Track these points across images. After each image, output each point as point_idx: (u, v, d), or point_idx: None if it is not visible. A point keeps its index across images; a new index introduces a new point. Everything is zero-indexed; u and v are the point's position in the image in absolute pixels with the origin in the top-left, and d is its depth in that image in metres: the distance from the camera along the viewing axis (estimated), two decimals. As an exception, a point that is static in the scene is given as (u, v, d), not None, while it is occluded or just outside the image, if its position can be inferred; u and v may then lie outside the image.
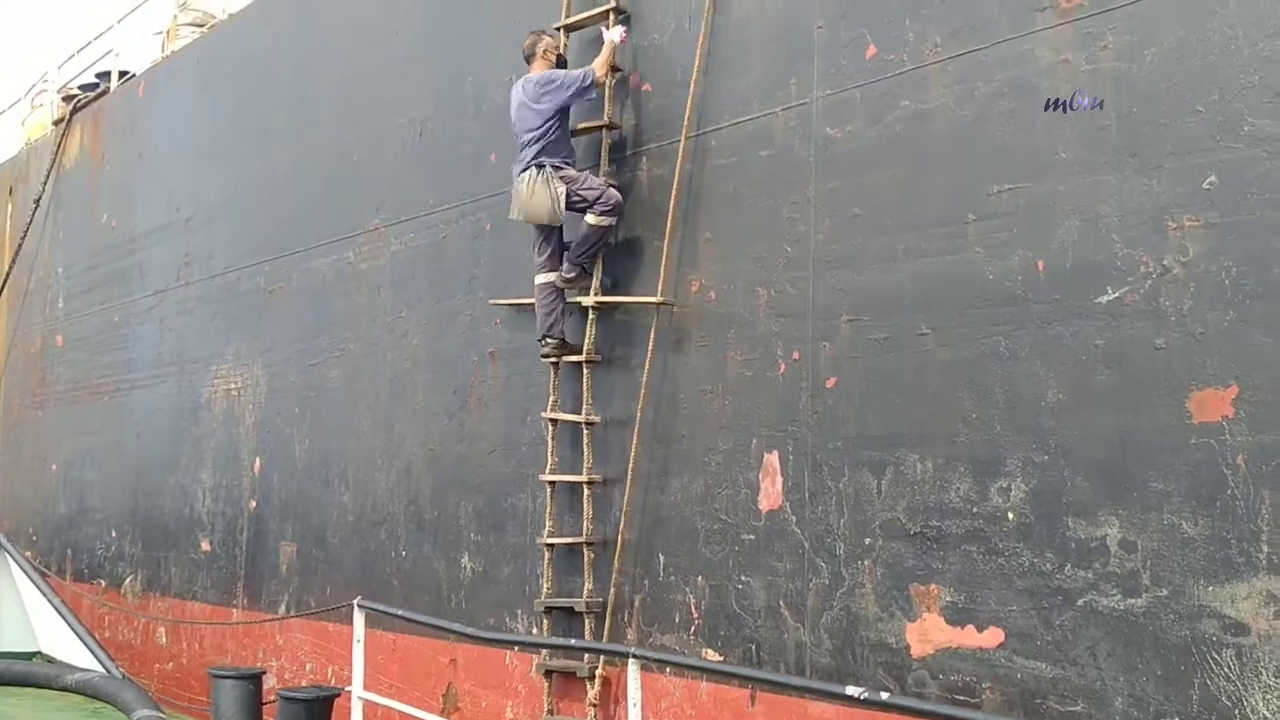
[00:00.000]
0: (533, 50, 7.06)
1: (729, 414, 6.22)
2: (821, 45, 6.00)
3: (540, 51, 7.04)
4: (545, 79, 6.87)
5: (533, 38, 7.10)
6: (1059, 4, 5.03)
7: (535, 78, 6.92)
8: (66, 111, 14.81)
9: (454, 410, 8.09)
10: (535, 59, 7.05)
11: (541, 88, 6.83)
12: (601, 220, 6.80)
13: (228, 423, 10.59)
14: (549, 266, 7.03)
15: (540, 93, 6.82)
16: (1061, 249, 4.93)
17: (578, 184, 6.77)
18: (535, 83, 6.88)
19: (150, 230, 12.38)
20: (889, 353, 5.53)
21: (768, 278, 6.13)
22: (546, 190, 6.70)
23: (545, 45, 7.07)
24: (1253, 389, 4.36)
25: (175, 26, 13.21)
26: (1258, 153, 4.40)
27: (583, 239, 6.88)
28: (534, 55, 7.05)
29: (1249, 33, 4.45)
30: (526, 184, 6.77)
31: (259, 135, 10.83)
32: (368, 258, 9.14)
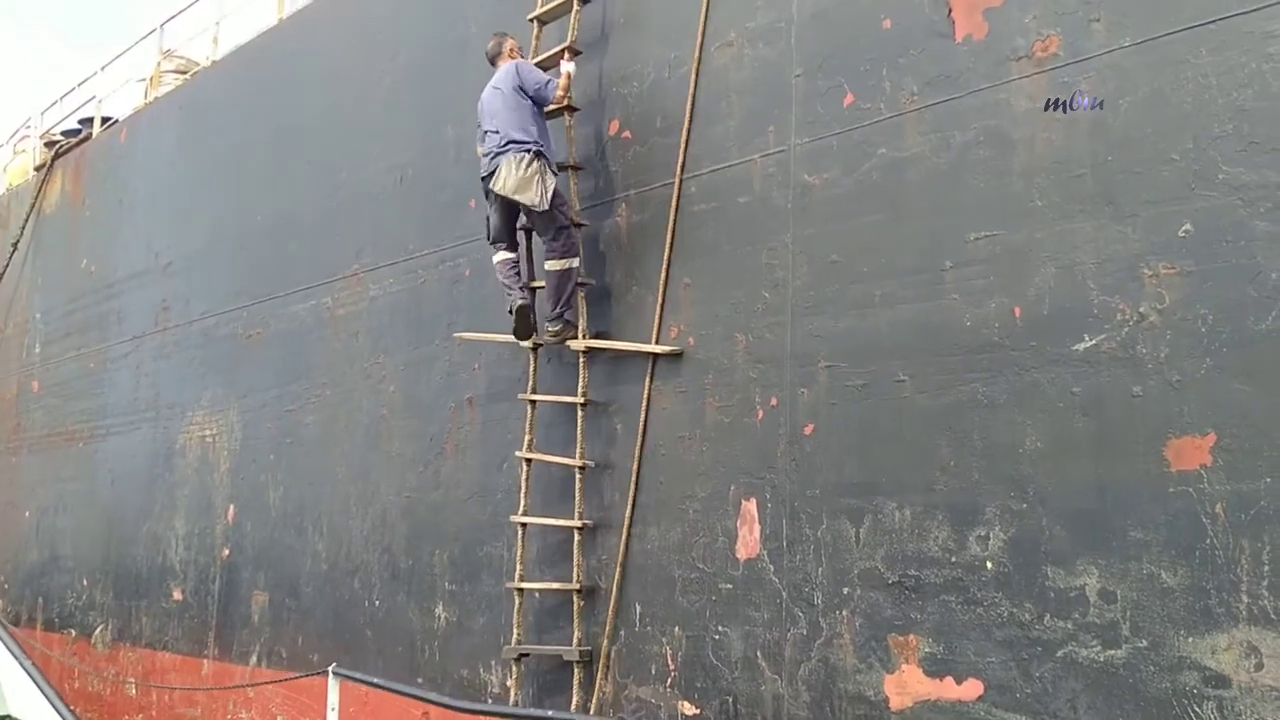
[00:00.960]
0: (499, 50, 7.17)
1: (707, 460, 6.17)
2: (799, 94, 6.02)
3: (506, 51, 7.16)
4: (519, 67, 6.91)
5: (497, 39, 7.21)
6: (1034, 53, 5.06)
7: (507, 68, 6.96)
8: (48, 157, 14.79)
9: (430, 457, 8.01)
10: (501, 57, 7.14)
11: (515, 75, 6.85)
12: (562, 264, 6.79)
13: (202, 470, 10.47)
14: (504, 245, 7.03)
15: (515, 81, 6.82)
16: (1038, 296, 4.92)
17: (559, 201, 6.78)
18: (508, 72, 6.90)
19: (129, 275, 12.32)
20: (867, 399, 5.49)
21: (746, 324, 6.10)
22: (540, 179, 6.66)
23: (510, 46, 7.18)
24: (1230, 437, 4.33)
25: (158, 73, 13.25)
26: (1232, 201, 4.40)
27: (554, 288, 6.84)
28: (500, 54, 7.15)
29: (1222, 82, 4.47)
30: (516, 164, 6.66)
31: (240, 181, 10.82)
32: (346, 303, 9.09)
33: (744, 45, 6.32)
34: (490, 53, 7.20)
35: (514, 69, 6.91)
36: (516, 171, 6.66)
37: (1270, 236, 4.30)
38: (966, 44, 5.30)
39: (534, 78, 6.85)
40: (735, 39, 6.36)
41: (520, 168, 6.66)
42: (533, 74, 6.88)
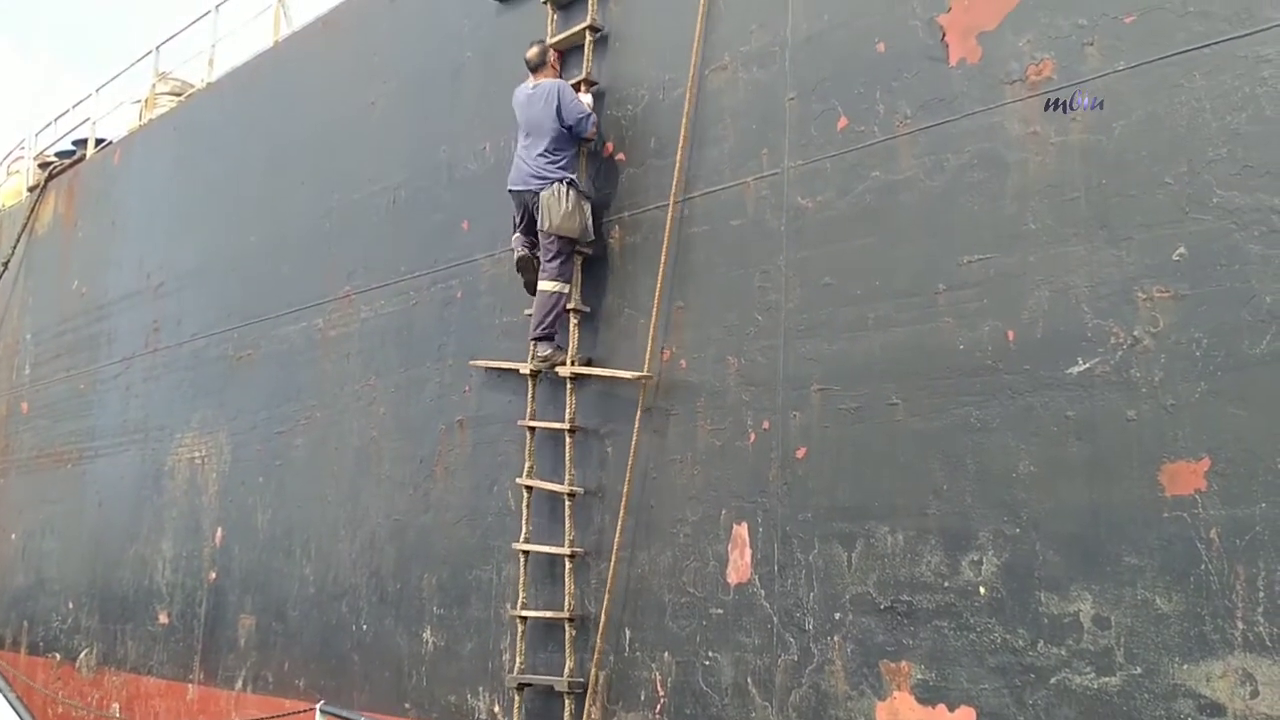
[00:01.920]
0: (542, 59, 7.09)
1: (698, 484, 6.12)
2: (793, 117, 6.01)
3: (550, 61, 7.11)
4: (562, 90, 6.82)
5: (540, 46, 7.13)
6: (1027, 77, 5.06)
7: (557, 86, 6.85)
8: (42, 178, 14.77)
9: (420, 480, 7.95)
10: (544, 68, 7.08)
11: (555, 98, 6.77)
12: (554, 285, 6.78)
13: (190, 492, 10.39)
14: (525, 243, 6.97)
15: (557, 106, 6.76)
16: (1032, 319, 4.90)
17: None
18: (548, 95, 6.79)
19: (120, 297, 12.27)
20: (859, 423, 5.45)
21: (738, 346, 6.07)
22: (580, 209, 6.71)
23: (553, 57, 7.15)
24: (1225, 461, 4.29)
25: (153, 95, 13.26)
26: (1227, 225, 4.39)
27: (541, 308, 6.82)
28: (543, 64, 7.09)
29: (1215, 106, 4.47)
30: (557, 197, 6.67)
31: (233, 202, 10.79)
32: (338, 324, 9.05)
33: (738, 68, 6.32)
34: (532, 61, 7.08)
35: (557, 91, 6.80)
36: (559, 205, 6.67)
37: (1264, 260, 4.28)
38: (960, 68, 5.30)
39: (576, 109, 6.77)
40: (729, 62, 6.36)
41: (562, 201, 6.67)
42: (575, 105, 6.79)
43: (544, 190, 6.71)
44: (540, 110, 6.82)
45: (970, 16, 5.29)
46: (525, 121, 6.92)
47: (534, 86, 6.97)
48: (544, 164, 6.77)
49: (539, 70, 7.07)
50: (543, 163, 6.77)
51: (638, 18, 7.02)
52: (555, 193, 6.68)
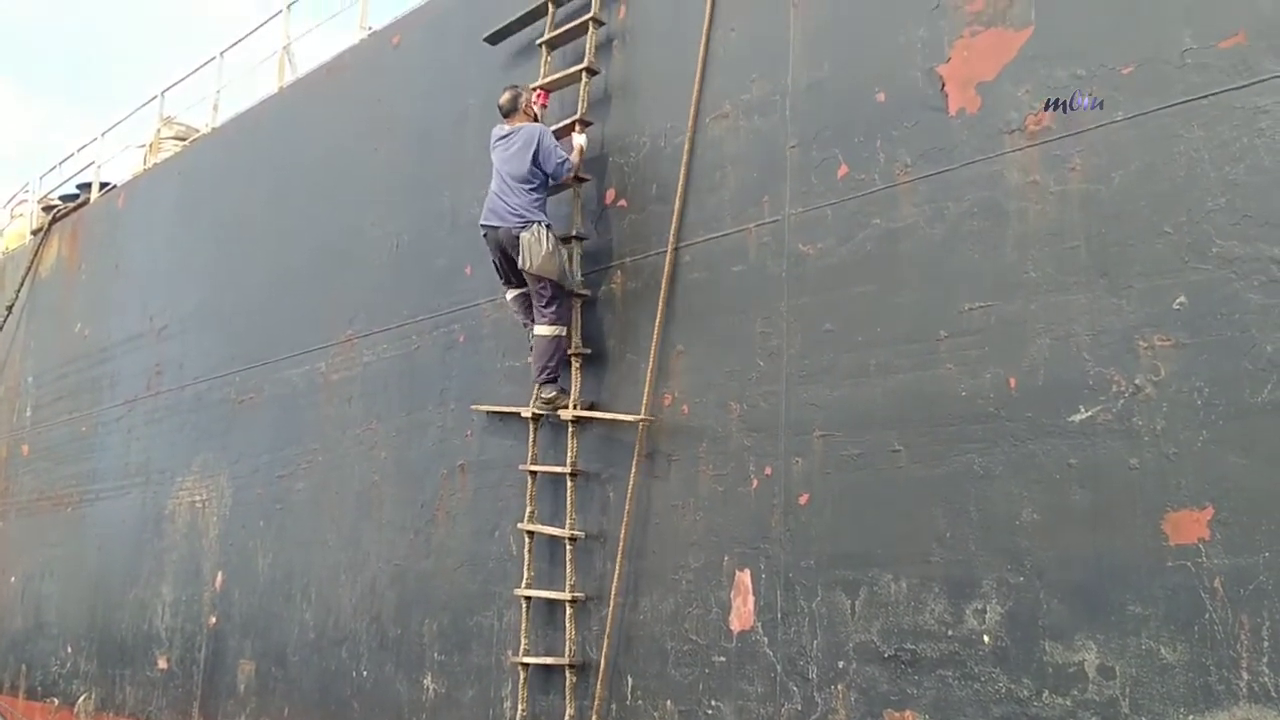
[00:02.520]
0: (514, 104, 7.11)
1: (700, 530, 6.11)
2: (794, 164, 6.06)
3: (522, 106, 7.13)
4: (542, 136, 6.86)
5: (513, 91, 7.17)
6: (1026, 127, 5.10)
7: (529, 128, 6.92)
8: (45, 221, 14.85)
9: (421, 525, 7.93)
10: (517, 113, 7.10)
11: (534, 141, 6.82)
12: (551, 330, 6.81)
13: (191, 535, 10.37)
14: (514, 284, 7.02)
15: (532, 149, 6.80)
16: (1033, 367, 4.91)
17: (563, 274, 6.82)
18: (529, 136, 6.85)
19: (123, 339, 12.30)
20: (862, 469, 5.45)
21: (740, 392, 6.08)
22: (556, 249, 6.74)
23: (525, 100, 7.17)
24: (1228, 510, 4.29)
25: (158, 140, 13.35)
26: (1226, 274, 4.41)
27: (540, 353, 6.86)
28: (516, 109, 7.11)
29: (1214, 156, 4.50)
30: (536, 238, 6.70)
31: (236, 246, 10.85)
32: (339, 368, 9.07)
33: (739, 117, 6.38)
34: (504, 107, 7.13)
35: (537, 137, 6.84)
36: (539, 246, 6.69)
37: (1264, 310, 4.30)
38: (960, 117, 5.35)
39: (553, 156, 6.81)
40: (730, 111, 6.42)
41: (543, 242, 6.70)
42: (553, 153, 6.82)
43: (524, 232, 6.74)
44: (517, 153, 6.87)
45: (969, 67, 5.35)
46: (500, 163, 6.97)
47: (509, 130, 7.03)
48: (521, 205, 6.80)
49: (511, 115, 7.12)
50: (520, 203, 6.80)
51: (639, 66, 7.09)
52: (535, 234, 6.72)
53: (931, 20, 5.52)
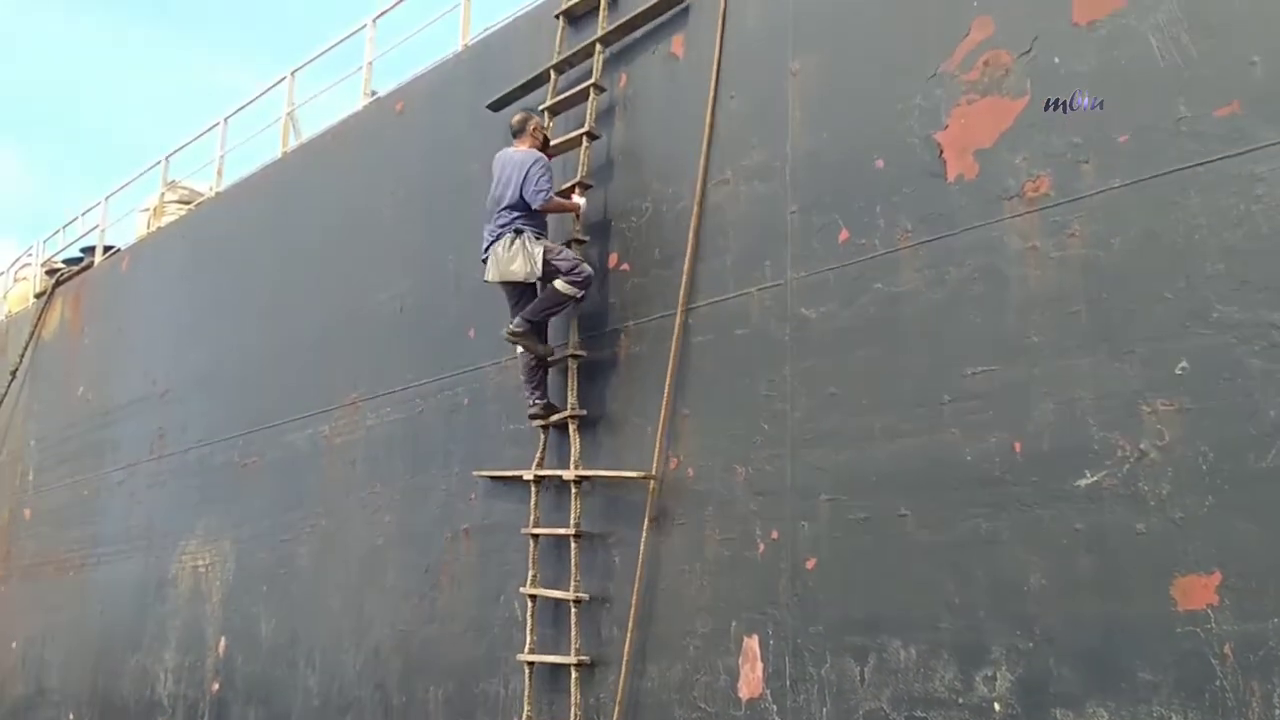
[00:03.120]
0: (522, 127, 7.23)
1: (707, 595, 6.09)
2: (795, 229, 6.12)
3: (530, 129, 7.23)
4: (531, 160, 6.98)
5: (522, 115, 7.31)
6: (1025, 193, 5.16)
7: (524, 157, 7.04)
8: (49, 284, 14.92)
9: (425, 590, 7.91)
10: (524, 135, 7.22)
11: (525, 168, 6.95)
12: (568, 289, 6.88)
13: (194, 601, 10.32)
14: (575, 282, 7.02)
15: (523, 173, 6.94)
16: (1038, 431, 4.93)
17: (553, 253, 6.90)
18: (522, 163, 6.99)
19: (126, 403, 12.32)
20: (869, 534, 5.45)
21: (745, 455, 6.09)
22: (523, 251, 6.81)
23: (534, 124, 7.28)
24: (1236, 576, 4.29)
25: (162, 204, 13.45)
26: (1227, 339, 4.44)
27: (545, 298, 6.94)
28: (523, 131, 7.22)
29: (1212, 222, 4.55)
30: (504, 246, 6.85)
31: (240, 309, 10.90)
32: (343, 432, 9.08)
33: (740, 183, 6.45)
34: (514, 127, 7.26)
35: (529, 164, 6.96)
36: (504, 253, 6.83)
37: (1266, 375, 4.33)
38: (958, 183, 5.41)
39: (533, 184, 6.89)
40: (732, 176, 6.49)
41: (505, 249, 6.84)
42: (535, 180, 6.89)
43: (497, 243, 6.90)
44: (509, 173, 7.01)
45: (967, 134, 5.42)
46: (496, 182, 7.11)
47: (513, 152, 7.16)
48: (501, 222, 6.93)
49: (519, 136, 7.24)
50: (501, 220, 6.94)
51: (640, 132, 7.18)
52: (505, 243, 6.86)
53: (928, 89, 5.60)
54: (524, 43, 8.27)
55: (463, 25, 9.17)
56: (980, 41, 5.43)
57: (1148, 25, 4.85)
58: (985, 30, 5.41)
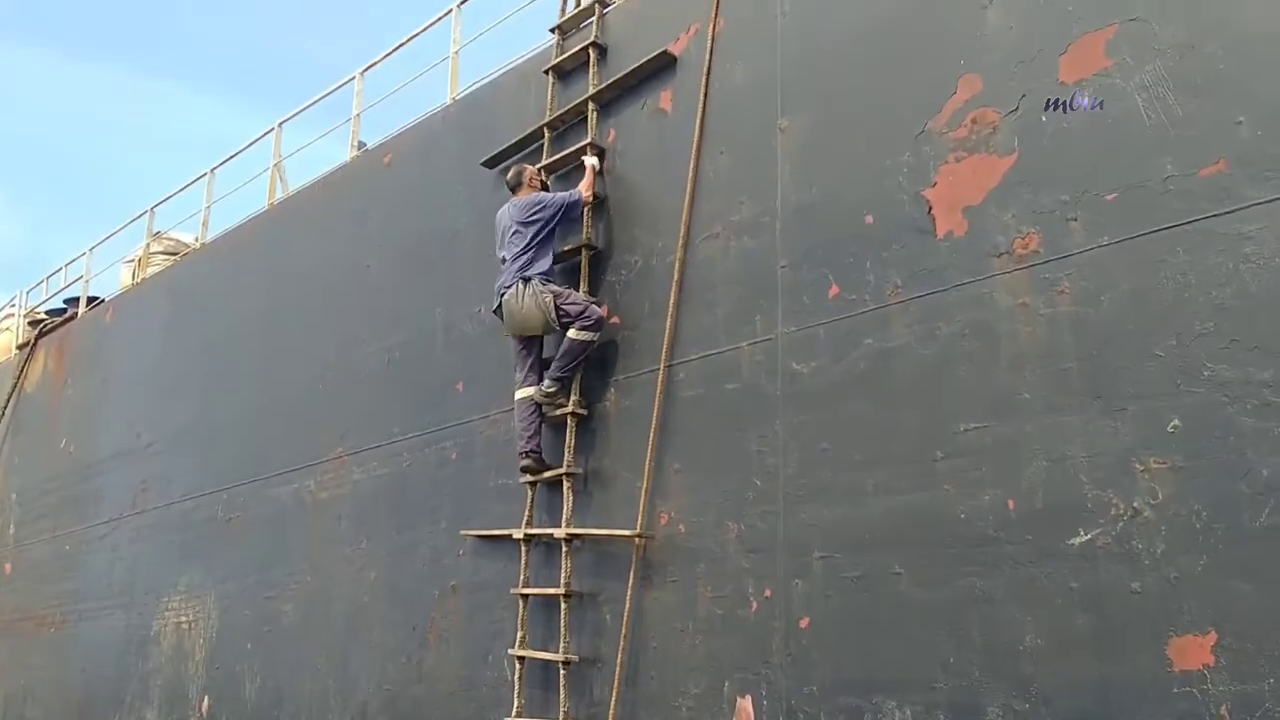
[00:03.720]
0: (519, 179, 7.35)
1: (700, 654, 6.03)
2: (785, 284, 6.12)
3: (527, 180, 7.35)
4: (534, 200, 7.10)
5: (519, 167, 7.43)
6: (1014, 250, 5.18)
7: (524, 200, 7.15)
8: (32, 336, 14.84)
9: (412, 648, 7.81)
10: (522, 187, 7.33)
11: (530, 209, 7.04)
12: (583, 335, 6.88)
13: (176, 658, 10.18)
14: (529, 381, 7.07)
15: (528, 214, 7.02)
16: (1031, 489, 4.91)
17: (563, 298, 6.92)
18: (524, 205, 7.10)
19: (109, 456, 12.21)
20: (863, 592, 5.41)
21: (737, 511, 6.05)
22: (534, 302, 6.87)
23: (530, 174, 7.39)
24: (1232, 636, 4.27)
25: (147, 255, 13.41)
26: (1218, 397, 4.45)
27: (565, 353, 6.92)
28: (520, 184, 7.34)
29: (1201, 280, 4.57)
30: (515, 297, 6.90)
31: (226, 362, 10.85)
32: (329, 486, 9.01)
33: (730, 237, 6.46)
34: (511, 181, 7.38)
35: (527, 210, 7.04)
36: (517, 307, 6.89)
37: (1258, 433, 4.33)
38: (948, 240, 5.43)
39: (554, 209, 7.00)
40: (721, 231, 6.51)
41: (518, 302, 6.89)
42: (551, 208, 7.01)
43: (508, 290, 6.95)
44: (513, 225, 7.08)
45: (955, 191, 5.45)
46: (502, 236, 7.17)
47: (510, 209, 7.22)
48: (513, 270, 6.98)
49: (518, 190, 7.34)
50: (513, 269, 6.99)
51: (629, 187, 7.20)
52: (514, 294, 6.92)
53: (916, 146, 5.64)
54: (512, 97, 8.32)
55: (451, 79, 9.23)
56: (967, 99, 5.47)
57: (1133, 85, 4.90)
58: (972, 88, 5.46)
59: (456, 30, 9.38)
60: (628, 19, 7.59)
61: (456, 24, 9.40)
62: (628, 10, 7.64)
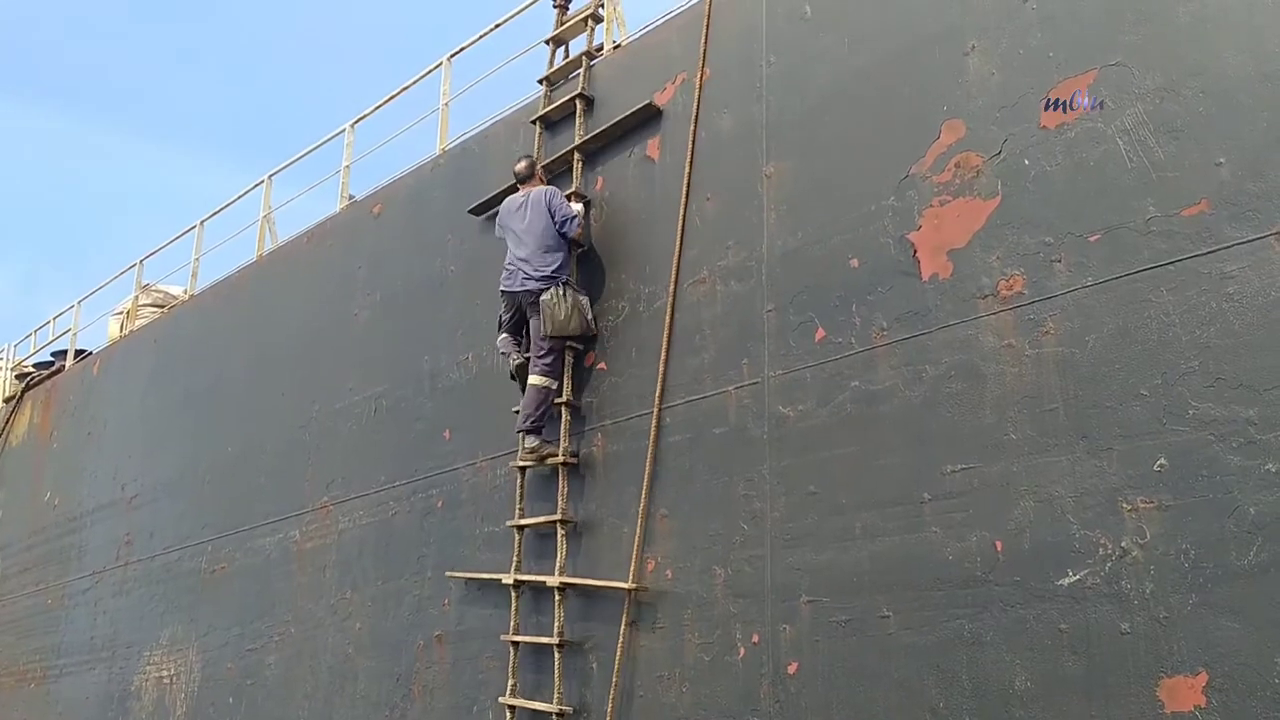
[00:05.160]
0: (530, 171, 7.46)
1: (687, 702, 5.95)
2: (771, 328, 6.13)
3: (538, 173, 7.47)
4: (552, 195, 7.18)
5: (527, 159, 7.53)
6: (999, 291, 5.20)
7: (538, 192, 7.22)
8: (19, 389, 14.77)
9: (396, 700, 7.70)
10: (532, 179, 7.42)
11: (552, 203, 7.13)
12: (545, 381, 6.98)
13: (158, 713, 10.02)
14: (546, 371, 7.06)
15: (549, 208, 7.11)
16: (1018, 530, 4.89)
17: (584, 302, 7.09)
18: (547, 196, 7.16)
19: (93, 509, 12.12)
20: (851, 636, 5.36)
21: (724, 556, 6.01)
22: (577, 308, 6.99)
23: (539, 168, 7.51)
24: (1223, 676, 4.23)
25: (135, 307, 13.40)
26: (1204, 436, 4.44)
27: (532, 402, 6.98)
28: (532, 175, 7.44)
29: (1184, 320, 4.59)
30: (558, 300, 6.96)
31: (212, 413, 10.80)
32: (314, 536, 8.93)
33: (716, 282, 6.48)
34: (521, 173, 7.46)
35: (546, 196, 7.16)
36: (560, 309, 6.95)
37: (1244, 471, 4.32)
38: (933, 282, 5.45)
39: (565, 211, 7.12)
40: (708, 276, 6.53)
41: (561, 305, 6.96)
42: (565, 207, 7.14)
43: (544, 294, 6.99)
44: (532, 215, 7.15)
45: (940, 234, 5.48)
46: (516, 229, 7.22)
47: (524, 197, 7.30)
48: (539, 266, 7.05)
49: (527, 181, 7.43)
50: (538, 265, 7.05)
51: (615, 234, 7.23)
52: (554, 296, 6.97)
53: (901, 190, 5.68)
54: (501, 147, 8.37)
55: (441, 130, 9.29)
56: (951, 144, 5.52)
57: (1115, 128, 4.95)
58: (956, 133, 5.51)
59: (446, 83, 9.48)
60: (615, 70, 7.67)
61: (446, 76, 9.49)
62: (615, 62, 7.73)
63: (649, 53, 7.44)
